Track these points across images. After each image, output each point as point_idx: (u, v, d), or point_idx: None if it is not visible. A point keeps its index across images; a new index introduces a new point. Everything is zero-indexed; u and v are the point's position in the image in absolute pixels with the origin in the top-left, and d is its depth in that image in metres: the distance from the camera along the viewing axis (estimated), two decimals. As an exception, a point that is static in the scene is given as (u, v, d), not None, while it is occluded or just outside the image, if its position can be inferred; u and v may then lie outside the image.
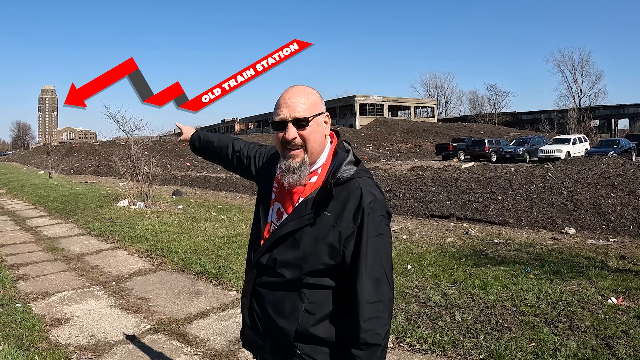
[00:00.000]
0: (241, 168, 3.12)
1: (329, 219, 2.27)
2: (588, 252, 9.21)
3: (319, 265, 2.28)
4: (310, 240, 2.29)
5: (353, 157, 2.41)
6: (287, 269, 2.33)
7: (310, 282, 2.30)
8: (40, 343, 5.69)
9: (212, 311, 6.81)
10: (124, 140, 21.82)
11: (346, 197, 2.28)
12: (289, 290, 2.34)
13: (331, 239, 2.26)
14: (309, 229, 2.29)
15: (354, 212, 2.26)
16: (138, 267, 9.14)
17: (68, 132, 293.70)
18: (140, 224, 13.34)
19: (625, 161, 15.86)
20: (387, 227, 2.34)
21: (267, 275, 2.42)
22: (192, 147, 3.51)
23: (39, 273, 8.81)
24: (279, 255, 2.36)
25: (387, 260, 2.30)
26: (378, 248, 2.27)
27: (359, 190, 2.28)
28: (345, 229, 2.25)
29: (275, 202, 2.51)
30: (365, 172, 2.40)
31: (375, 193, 2.31)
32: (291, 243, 2.33)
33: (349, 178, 2.32)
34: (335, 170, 2.32)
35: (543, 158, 38.54)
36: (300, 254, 2.30)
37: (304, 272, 2.29)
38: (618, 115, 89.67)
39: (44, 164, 46.25)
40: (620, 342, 5.18)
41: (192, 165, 41.23)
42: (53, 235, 12.51)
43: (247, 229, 11.97)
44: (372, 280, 2.24)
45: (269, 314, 2.39)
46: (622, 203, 11.93)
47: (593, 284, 7.13)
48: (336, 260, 2.27)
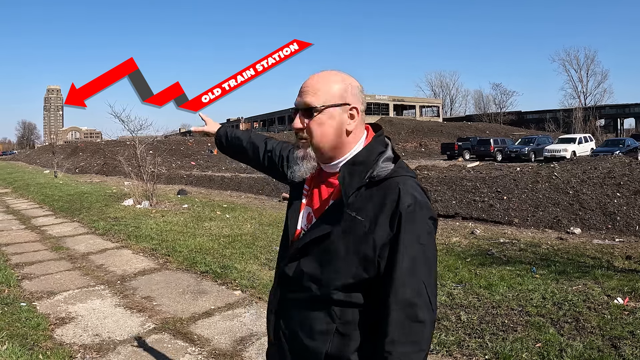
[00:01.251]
0: (272, 169, 2.89)
1: (363, 224, 1.96)
2: (594, 252, 9.17)
3: (350, 279, 1.98)
4: (340, 249, 1.99)
5: (392, 153, 2.11)
6: (315, 282, 2.05)
7: (341, 298, 2.01)
8: (45, 342, 5.69)
9: (217, 311, 6.80)
10: (129, 140, 21.92)
11: (382, 199, 1.96)
12: (318, 308, 2.05)
13: (365, 248, 1.95)
14: (339, 236, 1.99)
15: (390, 217, 1.93)
16: (143, 266, 9.14)
17: (73, 131, 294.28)
18: (145, 223, 13.35)
19: (631, 161, 15.81)
20: (430, 236, 1.98)
21: (293, 289, 2.15)
22: (217, 142, 3.27)
23: (43, 272, 8.82)
24: (305, 267, 2.09)
25: (428, 275, 1.94)
26: (417, 260, 1.92)
27: (397, 191, 1.95)
28: (381, 236, 1.93)
29: (305, 206, 2.25)
30: (405, 171, 2.07)
31: (416, 195, 1.97)
32: (319, 252, 2.05)
33: (385, 177, 2.00)
34: (364, 167, 2.04)
35: (549, 157, 38.44)
36: (330, 266, 2.02)
37: (334, 286, 2.01)
38: (624, 114, 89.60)
39: (50, 163, 46.29)
40: (627, 343, 5.16)
41: (197, 164, 41.26)
42: (58, 234, 12.53)
43: (252, 229, 12.02)
44: (408, 298, 1.89)
45: (296, 334, 2.12)
46: (628, 203, 11.89)
47: (599, 284, 7.10)
48: (370, 273, 1.97)
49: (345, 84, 2.11)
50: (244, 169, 31.18)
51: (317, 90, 2.07)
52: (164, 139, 50.95)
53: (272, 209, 16.62)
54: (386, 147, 2.12)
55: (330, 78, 2.12)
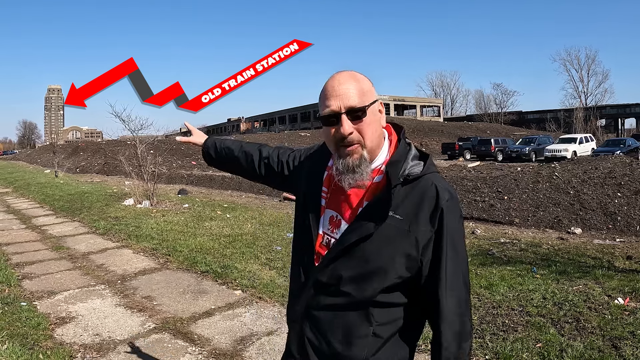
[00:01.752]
0: (270, 176, 2.77)
1: (402, 223, 1.94)
2: (594, 252, 9.17)
3: (394, 279, 1.96)
4: (381, 250, 1.95)
5: (417, 152, 2.11)
6: (355, 286, 1.99)
7: (381, 300, 1.99)
8: (45, 342, 5.69)
9: (217, 310, 6.80)
10: (130, 139, 21.90)
11: (420, 197, 1.96)
12: (355, 313, 2.02)
13: (407, 247, 1.94)
14: (378, 237, 1.95)
15: (430, 214, 1.94)
16: (143, 266, 9.14)
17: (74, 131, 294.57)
18: (145, 222, 13.35)
19: (632, 161, 15.78)
20: (463, 228, 2.05)
21: (327, 295, 2.07)
22: (205, 155, 3.12)
23: (44, 272, 8.82)
24: (344, 271, 2.01)
25: (465, 267, 2.03)
26: (460, 251, 1.99)
27: (434, 188, 1.96)
28: (423, 233, 1.94)
29: (326, 209, 2.17)
30: (435, 168, 2.08)
31: (451, 191, 2.00)
32: (358, 255, 1.99)
33: (419, 175, 2.00)
34: (400, 166, 2.01)
35: (549, 157, 38.49)
36: (371, 267, 1.97)
37: (377, 288, 1.97)
38: (624, 114, 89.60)
39: (50, 163, 46.30)
40: (627, 343, 5.15)
41: (198, 164, 41.21)
42: (58, 234, 12.53)
43: (253, 228, 12.02)
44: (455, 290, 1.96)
45: (329, 342, 2.06)
46: (629, 203, 11.88)
47: (600, 285, 7.10)
48: (412, 272, 1.97)
49: (368, 80, 2.09)
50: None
51: (358, 89, 2.00)
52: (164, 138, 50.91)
53: (272, 208, 16.62)
54: (409, 145, 2.13)
55: (357, 77, 2.05)
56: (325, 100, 2.01)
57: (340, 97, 1.97)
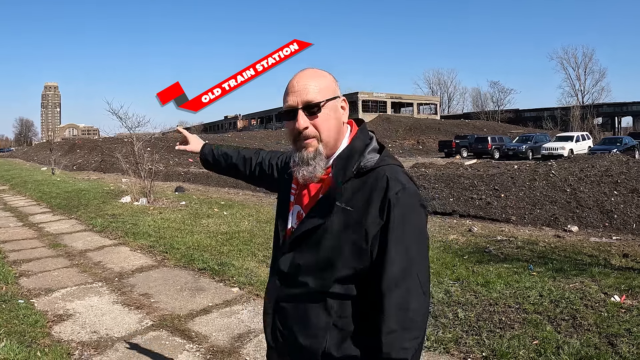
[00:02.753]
0: (263, 178, 2.88)
1: (353, 215, 1.95)
2: (591, 250, 9.18)
3: (345, 271, 1.96)
4: (333, 240, 1.98)
5: (377, 144, 2.13)
6: (311, 275, 2.03)
7: (337, 291, 1.99)
8: (43, 339, 5.70)
9: (215, 307, 6.81)
10: (127, 137, 21.87)
11: (371, 189, 1.96)
12: (314, 302, 2.03)
13: (356, 238, 1.94)
14: (332, 228, 1.98)
15: (379, 205, 1.92)
16: (140, 264, 9.15)
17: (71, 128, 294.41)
18: (142, 220, 13.36)
19: (628, 159, 15.81)
20: (421, 222, 1.99)
21: (289, 285, 2.13)
22: (203, 162, 3.24)
23: (41, 269, 8.83)
24: (301, 260, 2.08)
25: (420, 262, 1.95)
26: (408, 246, 1.91)
27: (385, 179, 1.95)
28: (372, 225, 1.92)
29: (294, 205, 2.24)
30: (392, 159, 2.07)
31: (403, 182, 1.96)
32: (313, 244, 2.03)
33: (372, 167, 2.01)
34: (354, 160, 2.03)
35: (546, 155, 38.56)
36: (325, 257, 1.99)
37: (330, 278, 1.98)
38: (621, 113, 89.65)
39: (47, 160, 46.25)
40: (624, 341, 5.17)
41: (195, 161, 41.11)
42: (56, 232, 12.53)
43: (250, 226, 12.02)
44: (400, 285, 1.89)
45: (293, 333, 2.10)
46: (626, 201, 11.90)
47: (596, 282, 7.11)
48: (365, 264, 1.95)
49: (330, 77, 2.17)
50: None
51: (315, 86, 2.07)
52: (161, 136, 50.90)
53: (269, 206, 16.61)
54: (371, 140, 2.15)
55: (318, 73, 2.14)
56: (285, 97, 2.10)
57: (297, 93, 2.05)
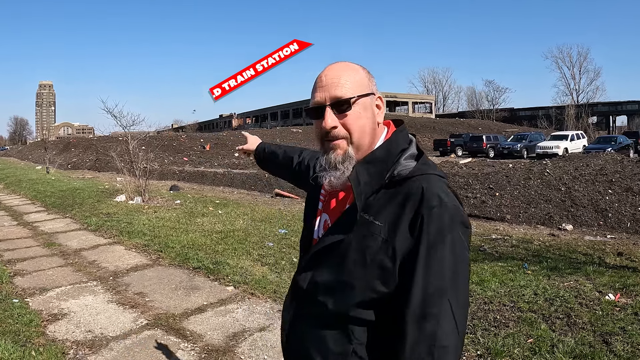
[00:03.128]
0: (301, 180, 2.65)
1: (381, 230, 1.65)
2: (585, 249, 9.21)
3: (369, 294, 1.67)
4: (357, 258, 1.69)
5: (415, 150, 1.84)
6: (331, 296, 1.75)
7: (359, 316, 1.70)
8: (37, 339, 5.68)
9: (210, 306, 6.80)
10: (122, 135, 21.83)
11: (403, 201, 1.66)
12: (333, 327, 1.76)
13: (383, 258, 1.64)
14: (355, 244, 1.69)
15: (410, 221, 1.62)
16: (135, 262, 9.13)
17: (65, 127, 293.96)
18: (137, 219, 13.33)
19: (623, 158, 15.85)
20: (459, 245, 1.63)
21: (307, 304, 1.86)
22: (256, 159, 3.14)
23: (36, 268, 8.80)
24: (320, 277, 1.81)
25: (454, 290, 1.59)
26: (440, 271, 1.58)
27: (419, 192, 1.64)
28: (401, 243, 1.62)
29: (322, 213, 1.98)
30: (430, 168, 1.76)
31: (442, 196, 1.64)
32: (334, 261, 1.75)
33: (407, 176, 1.71)
34: (388, 166, 1.76)
35: (541, 154, 38.58)
36: (346, 277, 1.71)
37: (351, 302, 1.70)
38: (616, 112, 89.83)
39: (42, 159, 46.12)
40: (618, 339, 5.18)
41: (190, 160, 41.15)
42: (50, 231, 12.50)
43: (245, 224, 12.03)
44: (427, 316, 1.56)
45: (309, 356, 1.84)
46: (620, 199, 11.94)
47: (590, 281, 7.13)
48: (390, 287, 1.65)
49: (364, 72, 1.88)
50: (237, 165, 31.13)
51: (346, 80, 1.80)
52: (156, 134, 50.88)
53: (264, 204, 16.62)
54: (409, 144, 1.87)
55: (350, 67, 1.86)
56: (313, 92, 1.86)
57: (325, 88, 1.80)
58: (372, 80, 1.88)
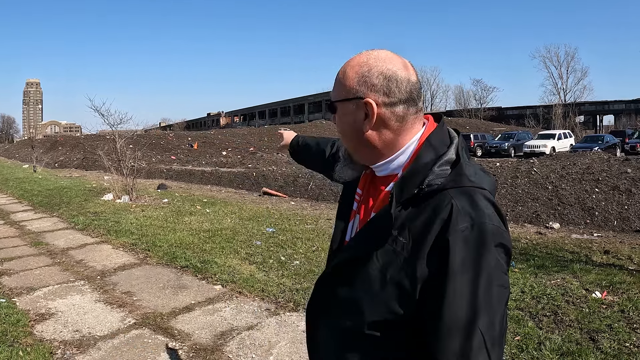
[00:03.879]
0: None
1: (404, 247, 1.47)
2: (572, 247, 9.26)
3: (384, 314, 1.50)
4: (375, 275, 1.51)
5: (454, 154, 1.55)
6: (348, 313, 1.60)
7: (377, 335, 1.53)
8: (25, 338, 5.65)
9: (197, 305, 6.79)
10: (109, 134, 21.73)
11: (430, 219, 1.44)
12: (349, 346, 1.61)
13: (401, 278, 1.46)
14: (375, 259, 1.52)
15: (435, 242, 1.42)
16: (123, 261, 9.10)
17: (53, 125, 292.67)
18: (125, 217, 13.28)
19: (609, 157, 15.94)
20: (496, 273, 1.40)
21: (324, 315, 1.73)
22: (290, 153, 2.99)
23: (23, 268, 8.75)
24: (339, 292, 1.64)
25: (488, 322, 1.36)
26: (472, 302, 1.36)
27: (448, 209, 1.42)
28: (423, 268, 1.42)
29: (356, 214, 1.79)
30: (466, 179, 1.50)
31: (475, 215, 1.42)
32: (354, 276, 1.59)
33: (438, 187, 1.48)
34: (410, 174, 1.54)
35: (528, 153, 38.81)
36: (363, 295, 1.55)
37: (367, 320, 1.53)
38: (603, 111, 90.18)
39: (29, 158, 45.95)
40: (605, 336, 5.21)
41: (177, 159, 41.03)
42: (37, 230, 12.42)
43: (232, 223, 12.02)
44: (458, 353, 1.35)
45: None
46: (607, 198, 12.00)
47: (577, 278, 7.17)
48: (407, 311, 1.47)
49: (361, 71, 1.60)
50: (224, 163, 31.05)
51: (338, 79, 1.65)
52: (144, 133, 50.71)
53: (252, 203, 16.60)
54: (448, 146, 1.59)
55: (350, 63, 1.64)
56: None
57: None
58: (371, 81, 1.58)
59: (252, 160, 28.76)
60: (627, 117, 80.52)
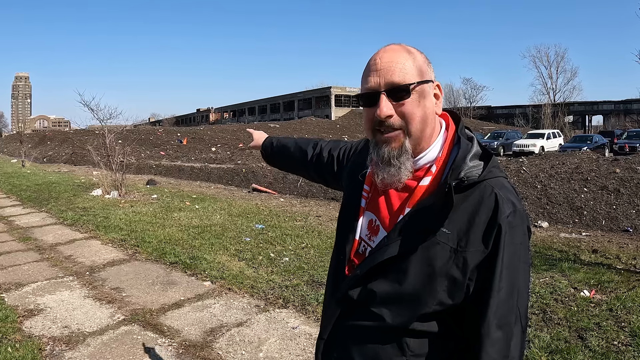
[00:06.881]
0: (322, 173, 2.48)
1: (449, 239, 1.54)
2: (561, 246, 9.30)
3: (433, 306, 1.57)
4: (422, 269, 1.56)
5: (479, 149, 1.67)
6: (389, 309, 1.62)
7: (419, 328, 1.61)
8: (14, 334, 5.63)
9: (187, 302, 6.78)
10: (98, 129, 21.69)
11: (474, 208, 1.54)
12: (387, 340, 1.65)
13: (452, 269, 1.54)
14: (420, 253, 1.56)
15: (484, 230, 1.52)
16: (112, 257, 9.07)
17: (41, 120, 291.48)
18: (114, 213, 13.26)
19: (598, 157, 16.04)
20: (528, 251, 1.62)
21: (357, 315, 1.71)
22: (263, 154, 2.95)
23: (11, 263, 8.72)
24: (377, 288, 1.64)
25: (523, 300, 1.58)
26: (515, 282, 1.54)
27: (493, 198, 1.53)
28: (473, 254, 1.52)
29: (366, 211, 1.80)
30: (499, 171, 1.63)
31: (515, 202, 1.56)
32: (395, 273, 1.61)
33: (477, 180, 1.57)
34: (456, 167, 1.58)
35: (517, 152, 38.95)
36: (407, 290, 1.58)
37: (413, 314, 1.59)
38: (592, 111, 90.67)
39: (17, 153, 45.74)
40: (593, 334, 5.25)
41: (167, 154, 40.93)
42: (26, 225, 12.38)
43: (222, 219, 11.99)
44: (503, 328, 1.52)
45: None
46: (595, 198, 12.05)
47: (566, 277, 7.21)
48: (456, 299, 1.56)
49: (422, 56, 1.69)
50: (214, 159, 30.99)
51: (404, 65, 1.61)
52: (133, 128, 50.59)
53: (241, 199, 16.59)
54: (471, 141, 1.70)
55: (406, 49, 1.66)
56: (365, 77, 1.67)
57: (380, 72, 1.61)
58: (430, 66, 1.70)
59: (242, 156, 28.70)
60: (615, 118, 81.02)
